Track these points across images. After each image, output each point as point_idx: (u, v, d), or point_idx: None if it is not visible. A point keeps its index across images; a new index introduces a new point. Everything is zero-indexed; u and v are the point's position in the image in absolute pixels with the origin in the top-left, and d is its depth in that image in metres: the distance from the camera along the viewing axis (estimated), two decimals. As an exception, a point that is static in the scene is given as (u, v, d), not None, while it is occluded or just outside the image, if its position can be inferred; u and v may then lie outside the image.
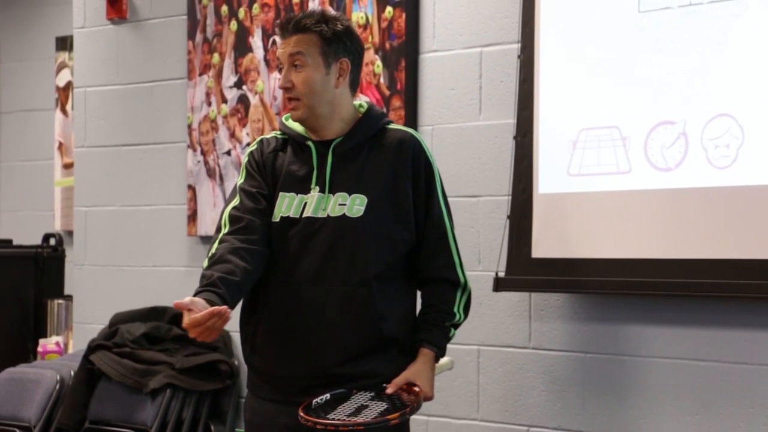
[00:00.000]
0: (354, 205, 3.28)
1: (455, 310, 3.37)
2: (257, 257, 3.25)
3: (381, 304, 3.28)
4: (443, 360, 3.40)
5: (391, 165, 3.32)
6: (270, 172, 3.36)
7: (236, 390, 5.01)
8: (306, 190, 3.32)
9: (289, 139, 3.40)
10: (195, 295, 3.09)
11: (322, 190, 3.31)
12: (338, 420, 3.12)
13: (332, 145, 3.33)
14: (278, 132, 3.43)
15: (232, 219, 3.31)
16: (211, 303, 3.06)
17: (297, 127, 3.39)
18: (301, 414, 3.15)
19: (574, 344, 4.16)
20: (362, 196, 3.29)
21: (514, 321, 4.31)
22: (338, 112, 3.35)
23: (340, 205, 3.29)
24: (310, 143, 3.35)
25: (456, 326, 3.39)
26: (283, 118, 3.45)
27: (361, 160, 3.33)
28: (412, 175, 3.33)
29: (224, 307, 3.03)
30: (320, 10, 3.41)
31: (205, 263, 3.23)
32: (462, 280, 3.39)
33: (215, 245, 3.26)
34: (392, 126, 3.40)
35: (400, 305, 3.35)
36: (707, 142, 3.78)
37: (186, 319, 3.03)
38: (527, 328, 4.27)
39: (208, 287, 3.13)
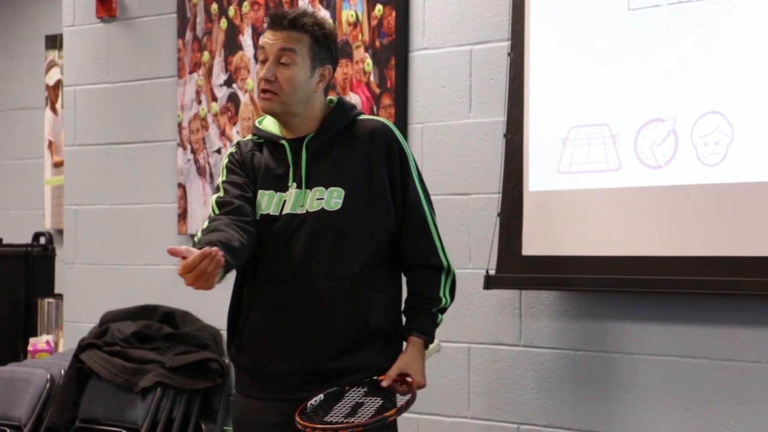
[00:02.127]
0: (332, 198, 3.29)
1: (441, 294, 3.38)
2: (250, 235, 3.24)
3: (366, 295, 3.29)
4: (431, 345, 3.42)
5: (365, 155, 3.33)
6: (250, 169, 3.37)
7: (227, 388, 5.00)
8: (284, 188, 3.33)
9: (263, 141, 3.41)
10: None
11: (299, 187, 3.32)
12: (338, 424, 3.12)
13: (305, 141, 3.34)
14: (253, 136, 3.45)
15: (221, 204, 3.30)
16: None
17: (271, 128, 3.40)
18: (298, 420, 3.15)
19: (565, 342, 4.16)
20: (339, 188, 3.30)
21: (504, 319, 4.31)
22: (311, 111, 3.36)
23: (317, 199, 3.30)
24: (283, 142, 3.36)
25: (443, 311, 3.40)
26: (256, 122, 3.47)
27: (335, 153, 3.34)
28: (386, 163, 3.34)
29: (215, 249, 2.98)
30: (313, 11, 3.41)
31: (198, 235, 3.20)
32: (445, 263, 3.40)
33: (207, 223, 3.25)
34: (363, 117, 3.41)
35: (386, 295, 3.36)
36: (697, 140, 3.78)
37: (179, 266, 3.00)
38: (517, 326, 4.27)
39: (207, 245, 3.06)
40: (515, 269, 4.15)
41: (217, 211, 3.28)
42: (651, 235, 3.87)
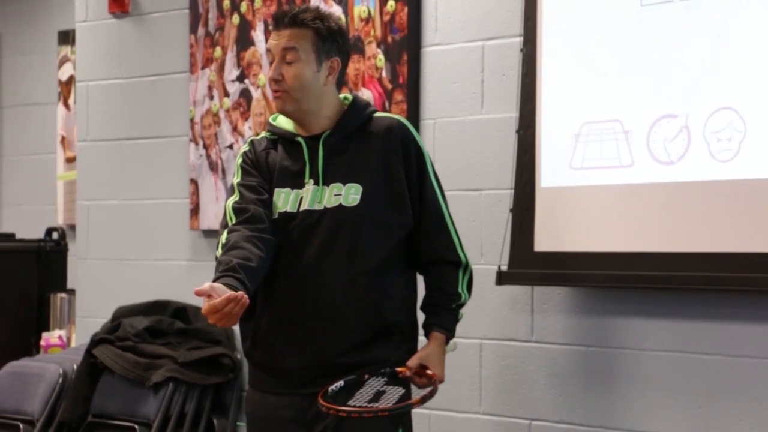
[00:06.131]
0: (349, 194, 3.31)
1: (459, 290, 3.44)
2: (268, 245, 3.27)
3: (382, 291, 3.32)
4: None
5: (381, 152, 3.36)
6: (265, 168, 3.39)
7: (239, 384, 5.01)
8: (300, 185, 3.34)
9: (278, 138, 3.42)
10: (215, 281, 3.09)
11: (316, 183, 3.33)
12: (361, 407, 3.14)
13: (322, 139, 3.35)
14: (267, 133, 3.46)
15: (237, 211, 3.32)
16: (232, 288, 3.06)
17: (285, 125, 3.42)
18: (321, 402, 3.17)
19: (576, 338, 4.16)
20: (357, 185, 3.32)
21: (516, 314, 4.31)
22: (324, 108, 3.38)
23: (335, 195, 3.32)
24: (299, 139, 3.37)
25: (462, 306, 3.45)
26: (270, 119, 3.48)
27: (351, 150, 3.36)
28: (403, 160, 3.37)
29: (240, 292, 3.03)
30: (316, 7, 3.43)
31: (219, 251, 3.23)
32: (463, 259, 3.45)
33: (225, 235, 3.27)
34: (378, 114, 3.43)
35: (401, 291, 3.39)
36: (709, 136, 3.77)
37: (204, 306, 3.03)
38: (529, 322, 4.27)
39: (228, 272, 3.12)
40: (527, 265, 4.15)
41: (234, 219, 3.30)
42: (663, 231, 3.86)
